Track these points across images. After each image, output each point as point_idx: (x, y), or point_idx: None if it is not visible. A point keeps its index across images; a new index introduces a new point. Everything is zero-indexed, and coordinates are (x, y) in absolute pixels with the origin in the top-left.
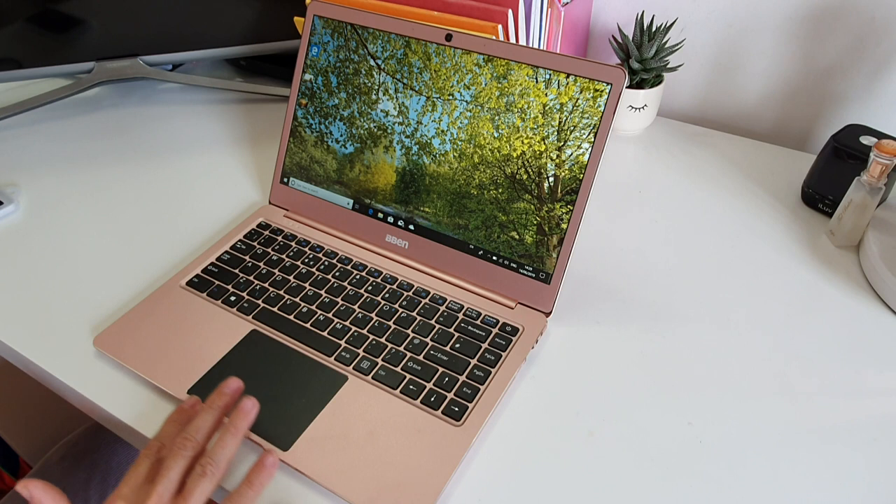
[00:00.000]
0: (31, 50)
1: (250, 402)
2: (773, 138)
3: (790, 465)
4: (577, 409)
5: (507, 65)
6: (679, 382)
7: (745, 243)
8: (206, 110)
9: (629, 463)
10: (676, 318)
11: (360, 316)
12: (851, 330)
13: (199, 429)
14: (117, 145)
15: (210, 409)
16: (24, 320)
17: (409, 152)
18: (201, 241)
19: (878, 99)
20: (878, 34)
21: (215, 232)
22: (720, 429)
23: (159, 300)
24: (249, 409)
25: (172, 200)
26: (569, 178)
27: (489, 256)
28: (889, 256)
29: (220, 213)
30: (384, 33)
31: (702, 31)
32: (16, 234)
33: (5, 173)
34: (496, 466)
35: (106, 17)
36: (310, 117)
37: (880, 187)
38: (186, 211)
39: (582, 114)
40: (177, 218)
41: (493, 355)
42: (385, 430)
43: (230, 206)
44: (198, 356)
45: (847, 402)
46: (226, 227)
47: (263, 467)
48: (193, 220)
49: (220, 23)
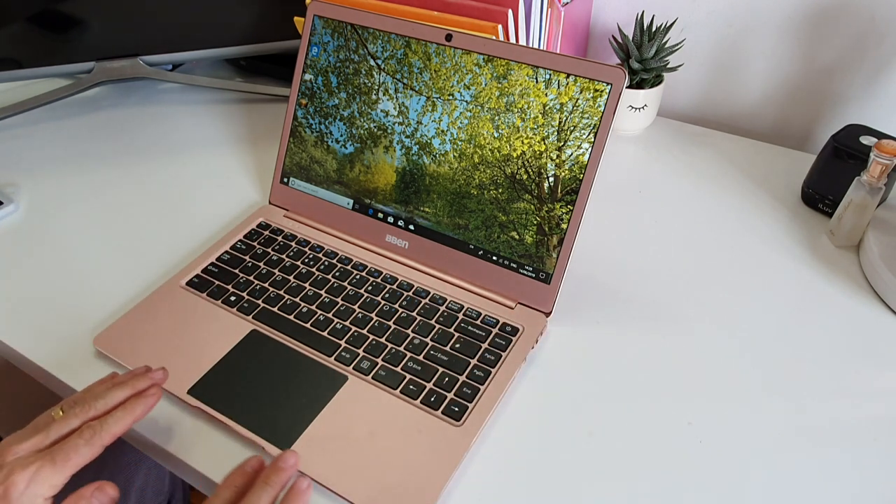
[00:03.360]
0: (31, 50)
1: (305, 482)
2: (773, 138)
3: (790, 464)
4: (577, 409)
5: (507, 65)
6: (679, 382)
7: (745, 243)
8: (206, 110)
9: (629, 463)
10: (676, 318)
11: (360, 316)
12: (851, 330)
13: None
14: (117, 145)
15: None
16: (24, 320)
17: (409, 152)
18: (201, 241)
19: (878, 99)
20: (878, 34)
21: (215, 232)
22: (720, 429)
23: (159, 300)
24: (304, 490)
25: (172, 200)
26: (569, 178)
27: (489, 256)
28: (889, 256)
29: (220, 213)
30: (384, 33)
31: (702, 31)
32: (16, 234)
33: (5, 173)
34: (496, 466)
35: (106, 17)
36: (310, 117)
37: (880, 187)
38: (186, 211)
39: (582, 114)
40: (177, 218)
41: (493, 355)
42: (385, 430)
43: (230, 206)
44: (198, 356)
45: (847, 402)
46: (226, 227)
47: (298, 492)
48: (193, 220)
49: (220, 23)
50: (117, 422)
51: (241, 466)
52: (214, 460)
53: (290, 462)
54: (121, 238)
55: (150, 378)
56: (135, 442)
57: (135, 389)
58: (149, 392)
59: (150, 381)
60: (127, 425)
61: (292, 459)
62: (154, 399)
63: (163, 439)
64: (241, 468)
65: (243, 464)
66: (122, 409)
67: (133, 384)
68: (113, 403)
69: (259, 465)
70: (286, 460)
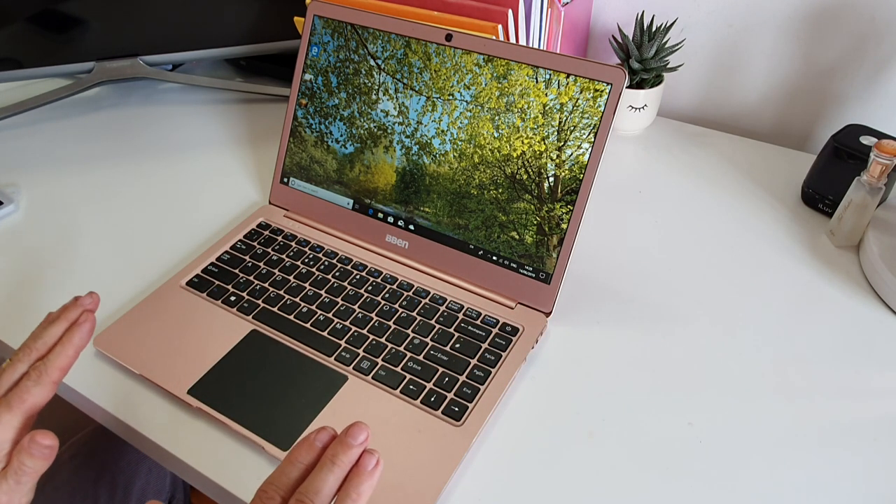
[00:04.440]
0: (31, 50)
1: (373, 461)
2: (773, 138)
3: (790, 464)
4: (577, 409)
5: (507, 65)
6: (679, 382)
7: (745, 243)
8: (206, 110)
9: (629, 463)
10: (676, 319)
11: (360, 316)
12: (851, 330)
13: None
14: (117, 145)
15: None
16: (24, 320)
17: (409, 152)
18: (201, 241)
19: (878, 99)
20: (878, 34)
21: (215, 232)
22: (720, 429)
23: (159, 300)
24: (371, 471)
25: (172, 200)
26: (569, 178)
27: (489, 256)
28: (889, 256)
29: (220, 213)
30: (384, 33)
31: (702, 31)
32: (16, 234)
33: (5, 173)
34: (496, 466)
35: (106, 17)
36: (310, 117)
37: (880, 187)
38: (186, 211)
39: (582, 114)
40: (177, 218)
41: (493, 355)
42: (385, 430)
43: (230, 206)
44: (198, 356)
45: (847, 402)
46: (226, 227)
47: (364, 472)
48: (193, 219)
49: (220, 23)
50: (58, 356)
51: (308, 439)
52: (214, 460)
53: (359, 439)
54: (121, 238)
55: (79, 305)
56: (135, 442)
57: (69, 322)
58: (80, 320)
59: (81, 308)
60: (70, 357)
61: (363, 436)
62: (88, 325)
63: (163, 439)
64: (308, 442)
65: (311, 437)
66: (61, 343)
67: (65, 316)
68: (52, 341)
69: (329, 439)
70: (356, 436)
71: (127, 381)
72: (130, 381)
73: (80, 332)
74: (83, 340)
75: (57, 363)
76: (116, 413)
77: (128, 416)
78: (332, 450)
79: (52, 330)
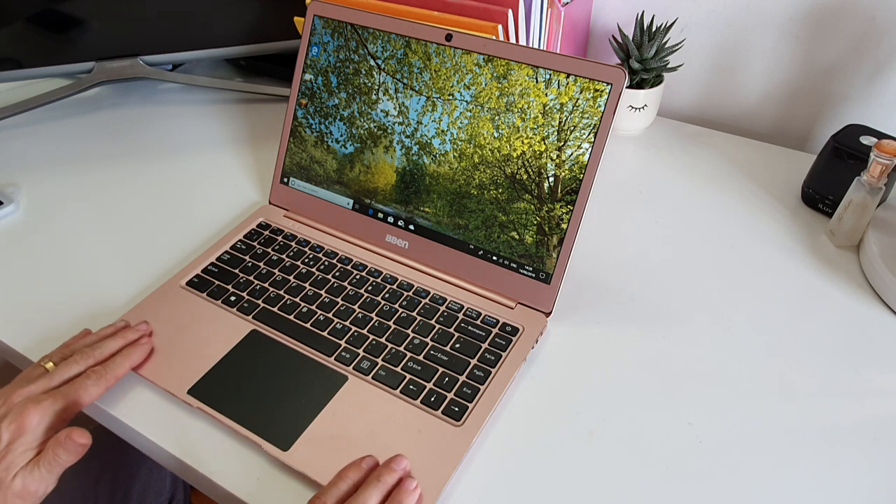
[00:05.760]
0: (31, 50)
1: (413, 483)
2: (773, 138)
3: (790, 465)
4: (577, 409)
5: (507, 65)
6: (679, 382)
7: (745, 243)
8: (206, 110)
9: (629, 463)
10: (676, 318)
11: (360, 316)
12: (851, 330)
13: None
14: (117, 145)
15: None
16: (24, 320)
17: (409, 152)
18: (201, 241)
19: (878, 99)
20: (878, 34)
21: (215, 232)
22: (720, 429)
23: (159, 300)
24: (412, 490)
25: (172, 200)
26: (569, 178)
27: (489, 256)
28: (889, 256)
29: (220, 213)
30: (384, 33)
31: (702, 31)
32: (16, 234)
33: (5, 173)
34: (496, 466)
35: (106, 17)
36: (310, 117)
37: (880, 187)
38: (186, 211)
39: (582, 114)
40: (177, 218)
41: (493, 355)
42: (385, 430)
43: (230, 206)
44: (198, 356)
45: (847, 402)
46: (226, 227)
47: (408, 490)
48: (193, 220)
49: (220, 23)
50: (119, 366)
51: (356, 462)
52: (214, 460)
53: (402, 465)
54: (121, 238)
55: (138, 330)
56: (135, 443)
57: (126, 340)
58: (141, 341)
59: (139, 333)
60: (126, 369)
61: (404, 464)
62: (148, 347)
63: (163, 440)
64: (356, 464)
65: (359, 461)
66: (121, 355)
67: (123, 335)
68: (108, 353)
69: (374, 464)
70: (399, 463)
71: (127, 381)
72: (130, 381)
73: (139, 350)
74: (140, 358)
75: (116, 371)
76: (116, 413)
77: (128, 417)
78: (379, 472)
79: (110, 344)
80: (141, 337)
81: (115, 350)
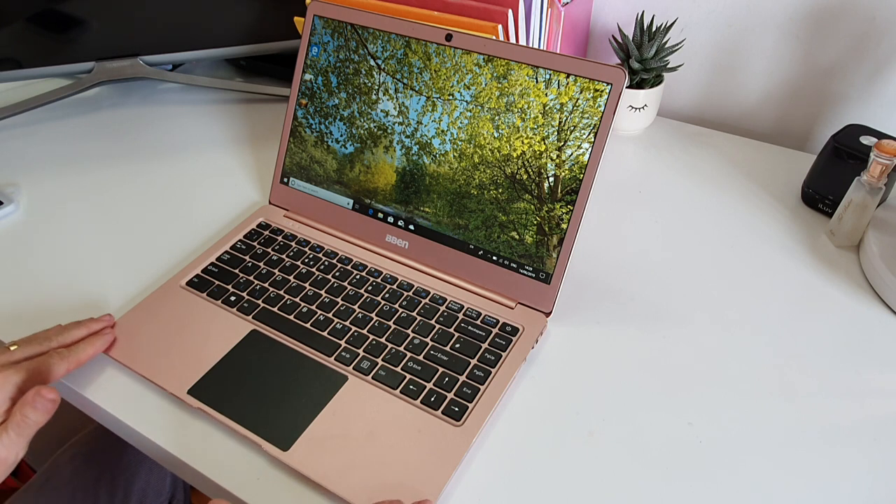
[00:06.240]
0: (31, 50)
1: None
2: (773, 138)
3: (790, 465)
4: (577, 409)
5: (507, 65)
6: (679, 382)
7: (745, 243)
8: (206, 110)
9: (629, 463)
10: (676, 319)
11: (360, 316)
12: (851, 330)
13: None
14: (117, 145)
15: None
16: (24, 320)
17: (409, 152)
18: (201, 241)
19: (878, 99)
20: (878, 34)
21: (215, 232)
22: (720, 429)
23: (159, 300)
24: None
25: (172, 200)
26: (569, 178)
27: (489, 256)
28: (889, 256)
29: (220, 213)
30: (384, 33)
31: (702, 31)
32: (16, 234)
33: (5, 173)
34: (496, 466)
35: (106, 17)
36: (310, 117)
37: (880, 187)
38: (186, 211)
39: (582, 114)
40: (177, 218)
41: (493, 355)
42: (385, 430)
43: (230, 206)
44: (198, 356)
45: (847, 402)
46: (226, 227)
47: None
48: (193, 219)
49: (220, 23)
50: (82, 351)
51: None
52: (214, 460)
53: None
54: (120, 238)
55: (102, 321)
56: (135, 442)
57: (90, 330)
58: (104, 331)
59: (103, 324)
60: (90, 355)
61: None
62: (111, 337)
63: (163, 440)
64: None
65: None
66: (85, 342)
67: (88, 325)
68: (71, 339)
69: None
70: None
71: (127, 381)
72: (130, 381)
73: (102, 339)
74: (103, 347)
75: (80, 356)
76: (116, 413)
77: (128, 416)
78: None
79: (74, 332)
80: (104, 328)
81: (79, 338)
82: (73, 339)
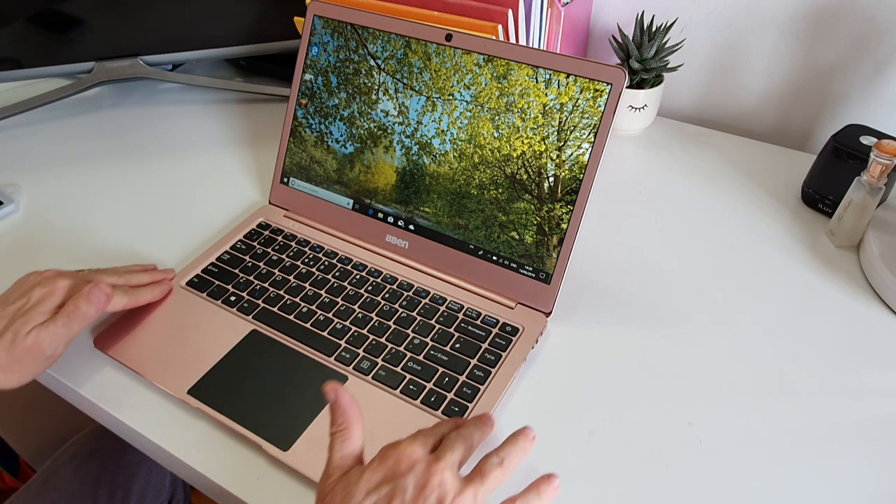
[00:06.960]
0: (31, 50)
1: (556, 480)
2: (773, 138)
3: (790, 465)
4: (577, 409)
5: (507, 65)
6: (679, 382)
7: (745, 243)
8: (206, 110)
9: (629, 463)
10: (676, 319)
11: (360, 316)
12: (851, 330)
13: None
14: (117, 145)
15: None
16: None
17: (409, 152)
18: (201, 241)
19: (878, 99)
20: (878, 34)
21: (215, 232)
22: (720, 429)
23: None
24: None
25: (172, 200)
26: (569, 178)
27: (489, 256)
28: (889, 256)
29: (220, 213)
30: (384, 33)
31: (702, 31)
32: (16, 234)
33: (5, 173)
34: None
35: (106, 17)
36: (310, 117)
37: (880, 187)
38: (186, 211)
39: (582, 114)
40: (177, 218)
41: (493, 355)
42: (385, 430)
43: (230, 206)
44: (198, 356)
45: (847, 402)
46: (226, 227)
47: (549, 484)
48: (193, 219)
49: (220, 23)
50: (141, 293)
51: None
52: (214, 460)
53: (490, 421)
54: (120, 238)
55: (166, 272)
56: (135, 442)
57: (153, 278)
58: (163, 282)
59: (165, 275)
60: (147, 299)
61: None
62: (167, 287)
63: (163, 439)
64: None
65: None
66: (146, 287)
67: (153, 273)
68: (136, 282)
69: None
70: (487, 420)
71: (127, 381)
72: (130, 381)
73: (161, 286)
74: (160, 294)
75: (138, 296)
76: (116, 413)
77: (128, 417)
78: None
79: (141, 275)
80: (164, 279)
81: (143, 283)
82: (138, 283)
